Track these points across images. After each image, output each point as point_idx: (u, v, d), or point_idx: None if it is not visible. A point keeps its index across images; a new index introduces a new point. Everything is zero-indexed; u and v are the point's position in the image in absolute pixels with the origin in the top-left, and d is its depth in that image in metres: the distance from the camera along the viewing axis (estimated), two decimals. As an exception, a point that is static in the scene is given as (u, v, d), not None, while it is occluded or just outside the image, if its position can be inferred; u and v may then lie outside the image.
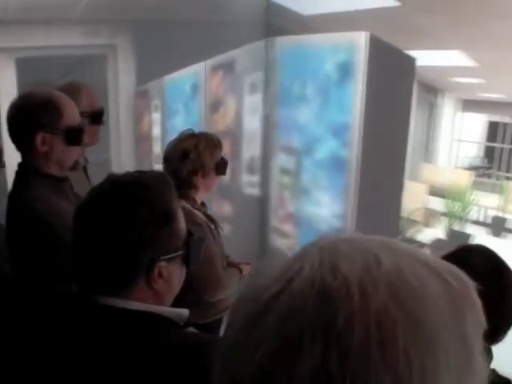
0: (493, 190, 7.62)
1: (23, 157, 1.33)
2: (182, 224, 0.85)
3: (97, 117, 1.64)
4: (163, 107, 3.85)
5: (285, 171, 3.61)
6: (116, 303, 0.77)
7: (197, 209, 1.58)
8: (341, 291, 0.27)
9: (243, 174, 3.72)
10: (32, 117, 1.26)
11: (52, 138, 1.28)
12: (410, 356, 0.26)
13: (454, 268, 0.32)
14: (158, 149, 3.58)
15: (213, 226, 1.65)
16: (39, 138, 1.27)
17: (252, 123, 3.65)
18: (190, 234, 0.86)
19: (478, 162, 13.21)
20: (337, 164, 3.25)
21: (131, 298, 0.78)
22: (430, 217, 5.45)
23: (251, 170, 3.70)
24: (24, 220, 1.23)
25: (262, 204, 3.70)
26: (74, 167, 1.50)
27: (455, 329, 0.28)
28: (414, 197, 5.41)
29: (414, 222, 5.26)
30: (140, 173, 0.85)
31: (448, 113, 11.13)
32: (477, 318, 0.31)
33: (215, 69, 3.66)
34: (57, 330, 0.80)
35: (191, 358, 0.72)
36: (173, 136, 1.71)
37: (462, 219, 5.61)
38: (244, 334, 0.29)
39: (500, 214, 6.57)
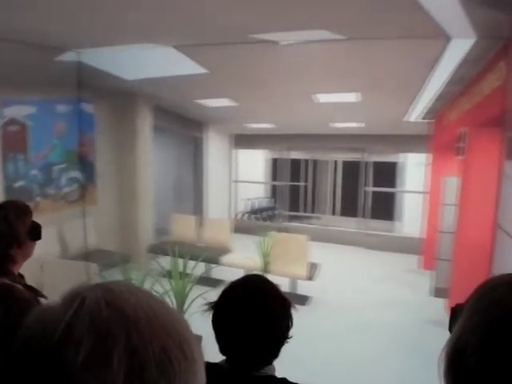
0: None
1: None
2: None
3: None
4: None
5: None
6: None
7: (17, 282, 1.48)
8: (122, 305, 0.40)
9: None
10: None
11: None
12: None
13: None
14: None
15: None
16: None
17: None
18: None
19: (266, 203, 12.30)
20: None
21: None
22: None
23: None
24: None
25: None
26: None
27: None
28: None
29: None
30: None
31: (220, 150, 9.81)
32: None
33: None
34: None
35: None
36: None
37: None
38: (63, 338, 0.38)
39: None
